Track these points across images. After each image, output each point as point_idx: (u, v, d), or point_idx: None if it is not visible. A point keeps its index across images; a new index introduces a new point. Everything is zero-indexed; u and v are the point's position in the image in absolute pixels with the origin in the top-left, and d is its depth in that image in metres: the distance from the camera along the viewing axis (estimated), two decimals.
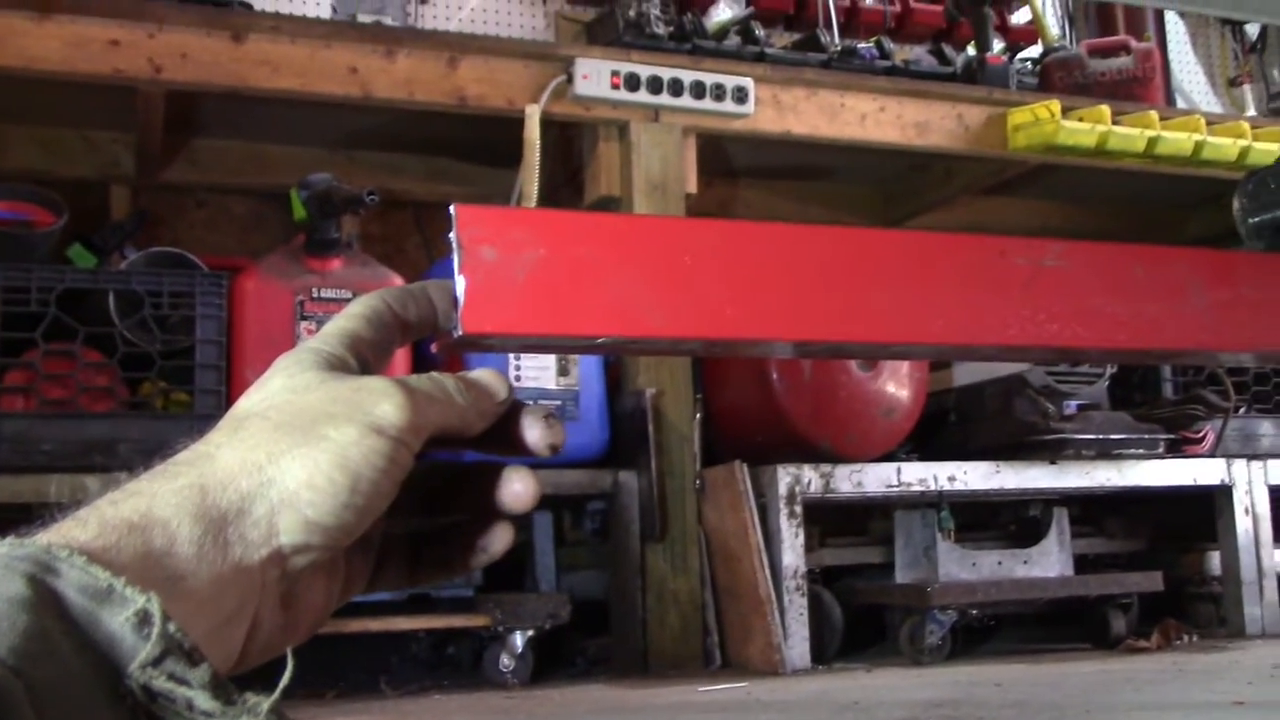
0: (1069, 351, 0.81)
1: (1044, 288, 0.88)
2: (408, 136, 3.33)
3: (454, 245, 0.69)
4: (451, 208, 0.70)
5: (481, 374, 0.60)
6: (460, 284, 0.68)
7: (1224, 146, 3.54)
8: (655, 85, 3.08)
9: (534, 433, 0.61)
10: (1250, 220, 1.16)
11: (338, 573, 0.57)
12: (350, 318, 0.60)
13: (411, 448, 0.54)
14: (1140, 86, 3.80)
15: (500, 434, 0.61)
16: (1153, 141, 3.46)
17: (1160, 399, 3.44)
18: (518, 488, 0.60)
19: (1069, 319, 0.85)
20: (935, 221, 3.98)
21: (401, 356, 2.65)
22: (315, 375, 0.55)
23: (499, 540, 0.62)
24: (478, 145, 3.34)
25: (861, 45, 3.57)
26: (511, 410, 0.61)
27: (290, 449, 0.51)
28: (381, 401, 0.53)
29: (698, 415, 2.98)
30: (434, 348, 0.71)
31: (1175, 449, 3.31)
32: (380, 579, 0.62)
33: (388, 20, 3.21)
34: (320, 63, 2.82)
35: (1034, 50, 4.14)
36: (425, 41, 2.97)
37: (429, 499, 0.62)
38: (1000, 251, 0.86)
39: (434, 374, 0.58)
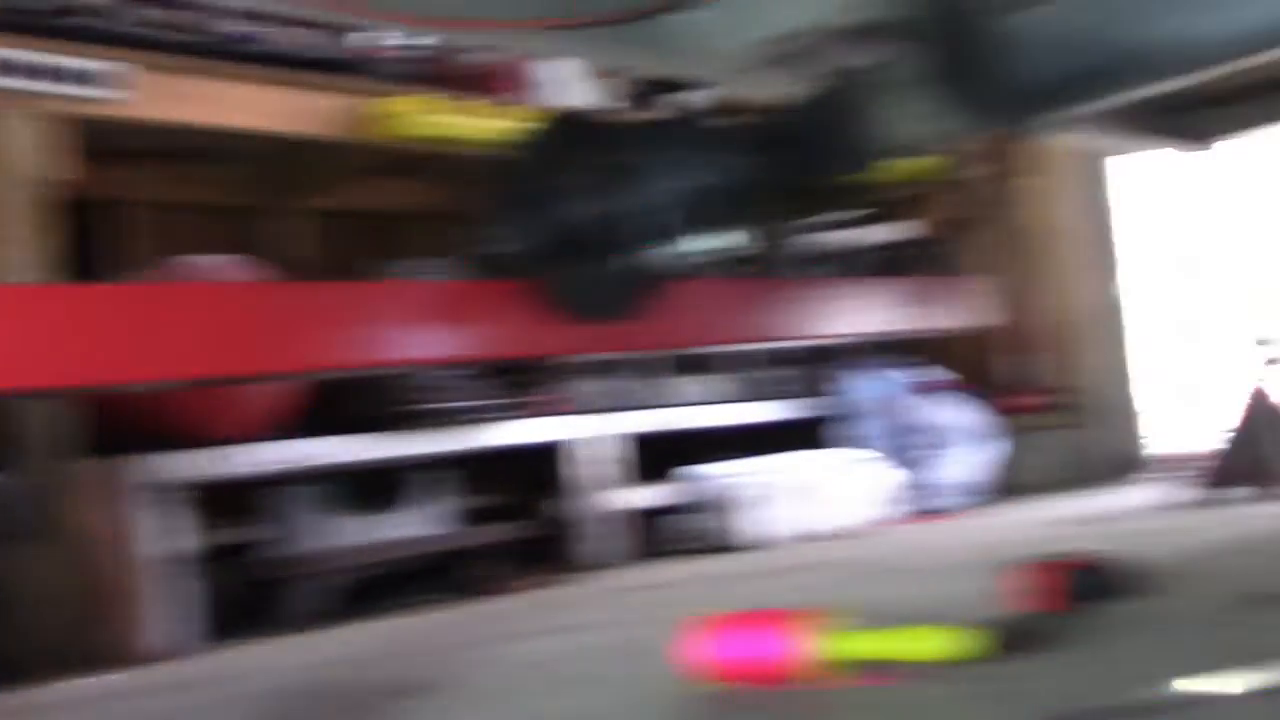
0: (281, 375, 1.02)
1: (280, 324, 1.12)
2: None
3: None
4: None
5: None
6: None
7: None
8: (16, 69, 2.96)
9: None
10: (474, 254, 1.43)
11: None
12: None
13: None
14: (502, 79, 4.11)
15: None
16: (502, 129, 3.64)
17: (515, 369, 3.83)
18: None
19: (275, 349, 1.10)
20: (329, 203, 4.12)
21: None
22: None
23: None
24: None
25: (246, 31, 3.55)
26: None
27: None
28: None
29: (70, 413, 2.93)
30: None
31: (527, 411, 3.74)
32: None
33: None
34: None
35: (416, 41, 4.34)
36: None
37: None
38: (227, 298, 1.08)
39: None
